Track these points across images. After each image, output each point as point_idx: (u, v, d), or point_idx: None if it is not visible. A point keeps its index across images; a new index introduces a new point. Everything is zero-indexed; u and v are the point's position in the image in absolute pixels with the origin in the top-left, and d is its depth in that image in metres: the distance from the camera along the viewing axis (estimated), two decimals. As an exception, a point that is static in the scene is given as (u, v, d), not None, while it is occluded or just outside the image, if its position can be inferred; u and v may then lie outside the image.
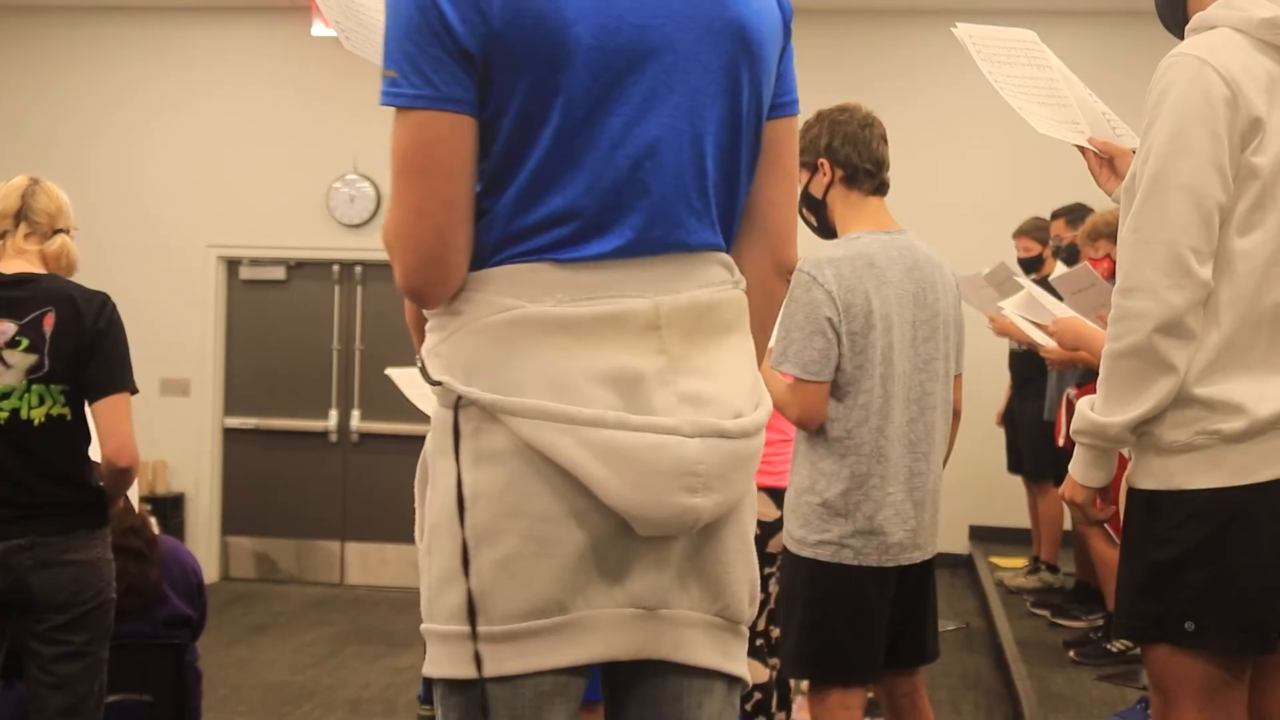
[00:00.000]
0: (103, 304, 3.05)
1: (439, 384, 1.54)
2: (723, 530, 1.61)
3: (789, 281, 1.77)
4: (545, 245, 1.52)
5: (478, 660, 1.51)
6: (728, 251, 1.65)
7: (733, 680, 1.67)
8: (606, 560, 1.53)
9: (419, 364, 1.60)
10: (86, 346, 3.00)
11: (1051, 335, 3.43)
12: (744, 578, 1.65)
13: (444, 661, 1.54)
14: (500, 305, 1.51)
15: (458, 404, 1.53)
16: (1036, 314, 3.70)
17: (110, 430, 3.01)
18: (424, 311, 1.60)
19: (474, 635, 1.51)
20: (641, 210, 1.53)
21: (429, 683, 2.85)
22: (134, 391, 3.10)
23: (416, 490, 1.64)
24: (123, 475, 3.05)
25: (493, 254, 1.53)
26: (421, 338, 1.65)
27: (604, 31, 1.49)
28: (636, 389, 1.51)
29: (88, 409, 3.05)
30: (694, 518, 1.53)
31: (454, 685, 1.54)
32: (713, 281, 1.60)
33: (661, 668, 1.61)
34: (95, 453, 3.08)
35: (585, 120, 1.50)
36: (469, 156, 1.50)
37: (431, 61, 1.47)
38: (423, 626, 1.57)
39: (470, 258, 1.53)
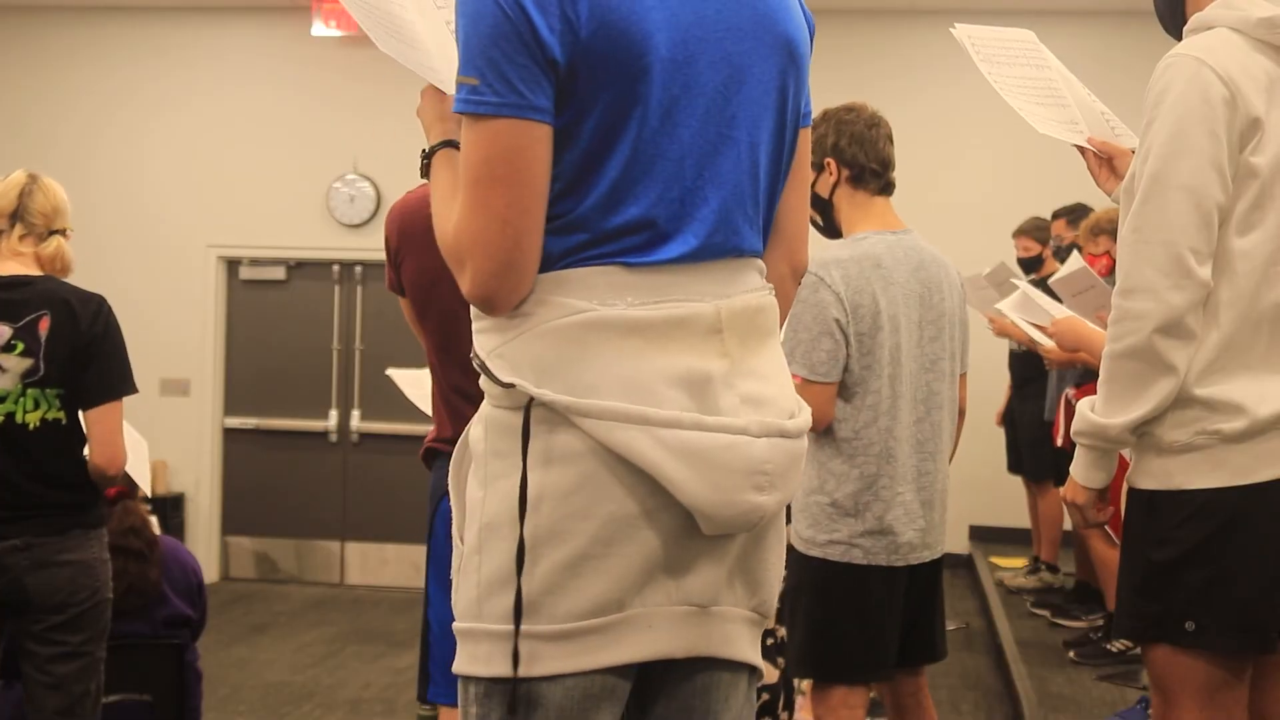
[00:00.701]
0: (99, 307, 3.04)
1: (510, 386, 1.53)
2: (768, 528, 1.65)
3: (799, 283, 1.81)
4: (618, 250, 1.54)
5: (524, 659, 1.51)
6: (762, 257, 1.69)
7: (754, 671, 1.71)
8: (669, 560, 1.55)
9: (475, 363, 1.59)
10: (83, 350, 2.99)
11: (1051, 336, 3.43)
12: (778, 574, 1.69)
13: (494, 660, 1.54)
14: (572, 308, 1.52)
15: (529, 405, 1.53)
16: (1033, 314, 3.70)
17: (103, 439, 3.01)
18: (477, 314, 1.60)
19: (519, 634, 1.52)
20: (705, 219, 1.57)
21: (425, 683, 2.85)
22: (134, 391, 3.10)
23: (453, 490, 1.65)
24: (110, 481, 3.07)
25: (561, 258, 1.54)
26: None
27: (675, 44, 1.53)
28: (706, 390, 1.53)
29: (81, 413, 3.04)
30: (759, 515, 1.57)
31: (497, 684, 1.54)
32: (755, 286, 1.64)
33: (693, 661, 1.63)
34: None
35: (659, 130, 1.53)
36: (548, 166, 1.51)
37: (519, 70, 1.47)
38: (462, 625, 1.57)
39: (539, 264, 1.55)
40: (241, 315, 8.34)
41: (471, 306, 1.58)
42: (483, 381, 1.58)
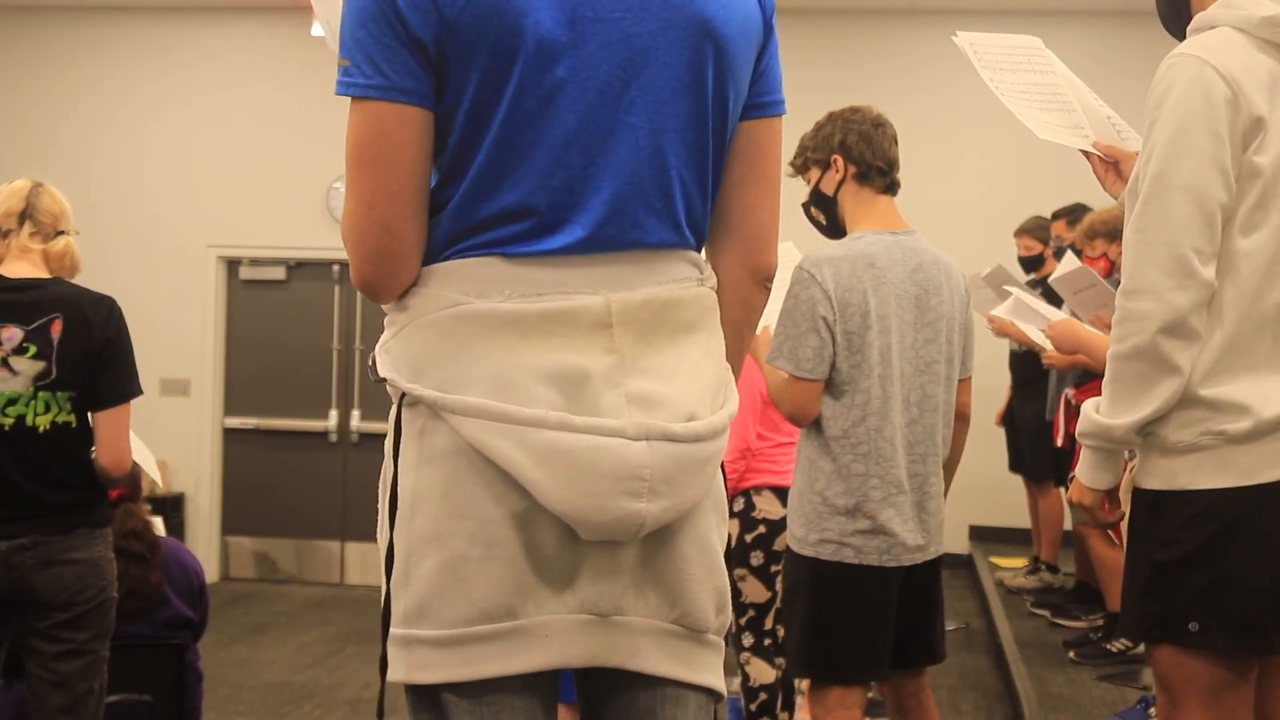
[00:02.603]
0: (110, 309, 3.05)
1: (384, 380, 1.51)
2: (677, 536, 1.55)
3: (768, 289, 1.70)
4: (495, 240, 1.48)
5: (416, 665, 1.50)
6: (697, 251, 1.61)
7: (709, 693, 1.62)
8: (556, 564, 1.49)
9: (370, 362, 1.57)
10: (95, 354, 3.00)
11: (1049, 338, 3.43)
12: (705, 584, 1.58)
13: (399, 665, 1.52)
14: (448, 300, 1.48)
15: (402, 401, 1.50)
16: (1028, 318, 3.69)
17: (111, 441, 3.02)
18: (382, 308, 1.58)
19: (400, 639, 1.50)
20: (594, 209, 1.49)
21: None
22: (141, 393, 3.12)
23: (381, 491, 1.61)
24: (115, 482, 3.08)
25: (444, 249, 1.50)
26: None
27: (558, 24, 1.46)
28: (583, 389, 1.46)
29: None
30: (637, 523, 1.47)
31: (410, 690, 1.54)
32: (674, 278, 1.55)
33: (633, 681, 1.57)
34: None
35: (536, 113, 1.47)
36: (420, 149, 1.47)
37: (384, 50, 1.44)
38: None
39: (423, 253, 1.51)
40: (241, 315, 8.34)
41: None
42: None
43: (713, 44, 1.53)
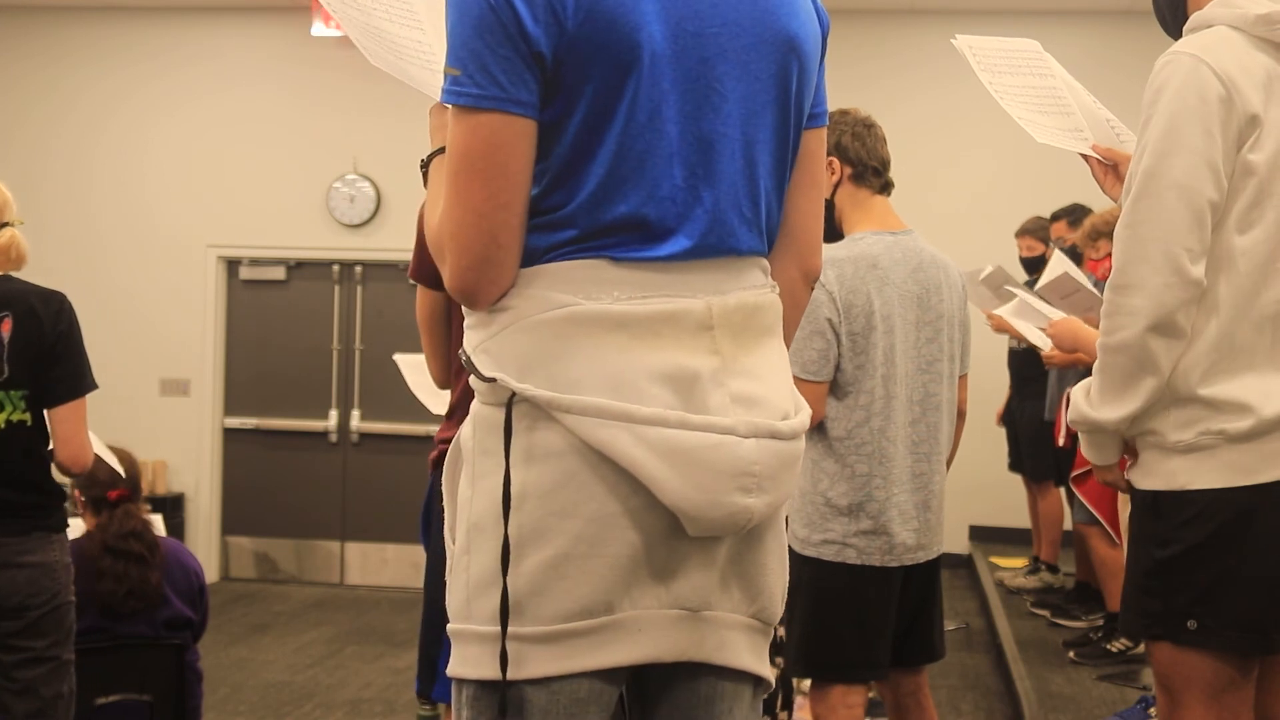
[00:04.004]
0: (60, 305, 3.01)
1: (491, 380, 1.51)
2: (765, 532, 1.60)
3: (812, 290, 1.77)
4: (604, 245, 1.51)
5: (511, 661, 1.49)
6: (767, 258, 1.66)
7: (759, 682, 1.66)
8: (655, 561, 1.52)
9: (463, 358, 1.57)
10: (48, 351, 2.97)
11: (1050, 337, 3.43)
12: (780, 579, 1.65)
13: (484, 662, 1.51)
14: (556, 301, 1.50)
15: (510, 401, 1.51)
16: (1031, 318, 3.70)
17: (67, 437, 2.99)
18: (465, 309, 1.59)
19: (507, 636, 1.49)
20: (699, 219, 1.53)
21: (423, 681, 2.85)
22: (94, 388, 3.07)
23: (446, 489, 1.63)
24: (73, 479, 3.04)
25: (546, 253, 1.52)
26: (432, 337, 1.63)
27: (666, 39, 1.49)
28: (693, 388, 1.50)
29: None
30: (746, 518, 1.52)
31: (487, 687, 1.52)
32: (755, 284, 1.60)
33: (695, 671, 1.60)
34: None
35: (647, 125, 1.50)
36: (529, 160, 1.49)
37: (501, 62, 1.45)
38: (454, 626, 1.55)
39: (521, 259, 1.52)
40: (241, 315, 8.34)
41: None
42: (472, 379, 1.55)
43: (797, 59, 1.60)
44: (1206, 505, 2.02)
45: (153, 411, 8.15)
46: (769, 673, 1.67)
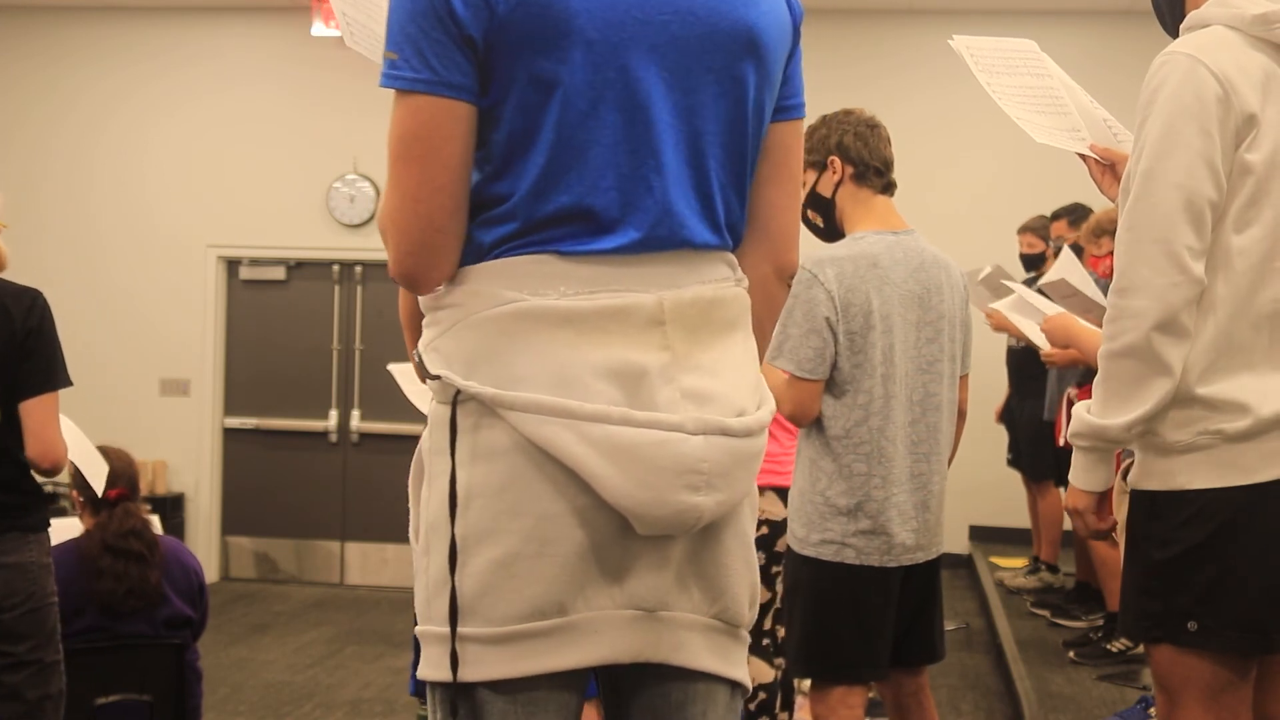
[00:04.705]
0: (34, 301, 3.00)
1: (437, 378, 1.51)
2: (723, 531, 1.58)
3: (789, 286, 1.74)
4: (550, 239, 1.50)
5: (463, 663, 1.48)
6: (733, 252, 1.63)
7: (735, 686, 1.64)
8: (607, 560, 1.50)
9: (415, 359, 1.57)
10: (18, 345, 2.96)
11: (1044, 332, 3.43)
12: (744, 580, 1.62)
13: (442, 664, 1.50)
14: (502, 298, 1.49)
15: (456, 399, 1.50)
16: (1028, 315, 3.70)
17: (36, 431, 2.97)
18: (421, 306, 1.58)
19: (456, 637, 1.48)
20: (647, 209, 1.51)
21: (418, 681, 2.85)
22: (68, 384, 3.06)
23: (411, 489, 1.61)
24: (46, 474, 3.02)
25: (492, 248, 1.51)
26: (415, 334, 1.63)
27: (607, 25, 1.48)
28: (640, 384, 1.48)
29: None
30: (695, 516, 1.50)
31: (446, 688, 1.51)
32: (715, 278, 1.57)
33: (664, 674, 1.58)
34: None
35: (588, 113, 1.48)
36: (465, 144, 1.48)
37: (434, 45, 1.45)
38: (419, 628, 1.54)
39: (463, 246, 1.51)
40: (241, 315, 8.34)
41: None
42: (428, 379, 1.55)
43: (754, 51, 1.56)
44: (1205, 505, 2.02)
45: (153, 411, 8.15)
46: (743, 675, 1.64)
